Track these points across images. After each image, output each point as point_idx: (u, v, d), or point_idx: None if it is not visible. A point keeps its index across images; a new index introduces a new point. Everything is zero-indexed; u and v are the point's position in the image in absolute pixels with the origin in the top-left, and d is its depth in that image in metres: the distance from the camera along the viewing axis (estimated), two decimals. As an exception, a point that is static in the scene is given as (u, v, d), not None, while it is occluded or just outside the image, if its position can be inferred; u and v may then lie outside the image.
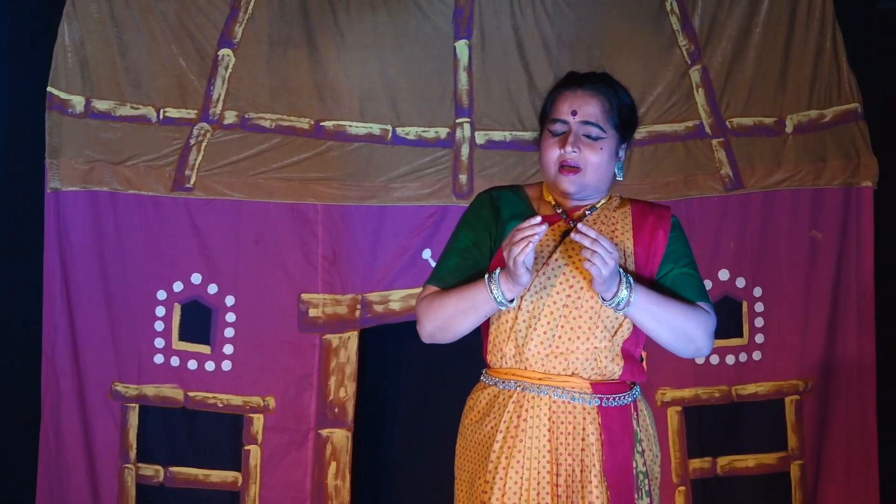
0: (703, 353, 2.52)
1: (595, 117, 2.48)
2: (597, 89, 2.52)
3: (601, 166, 2.48)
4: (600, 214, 2.53)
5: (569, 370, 2.44)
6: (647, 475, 2.48)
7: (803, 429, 4.02)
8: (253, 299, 4.00)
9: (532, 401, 2.44)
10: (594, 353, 2.44)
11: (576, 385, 2.45)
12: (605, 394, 2.45)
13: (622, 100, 2.54)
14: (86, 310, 3.96)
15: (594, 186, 2.51)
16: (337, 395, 3.99)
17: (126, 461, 3.96)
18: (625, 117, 2.53)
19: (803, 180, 4.03)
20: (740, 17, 4.05)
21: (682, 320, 2.44)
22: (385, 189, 4.01)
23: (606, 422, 2.44)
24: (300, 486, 3.98)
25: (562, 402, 2.44)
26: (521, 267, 2.30)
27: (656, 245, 2.49)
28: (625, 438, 2.45)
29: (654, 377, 3.91)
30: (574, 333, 2.43)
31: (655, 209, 2.56)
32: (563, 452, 2.43)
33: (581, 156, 2.46)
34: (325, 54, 4.03)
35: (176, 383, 3.98)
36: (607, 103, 2.50)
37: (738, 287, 4.02)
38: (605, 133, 2.48)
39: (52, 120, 3.97)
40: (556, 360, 2.44)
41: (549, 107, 2.55)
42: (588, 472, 2.42)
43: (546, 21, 4.06)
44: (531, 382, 2.45)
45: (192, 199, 3.99)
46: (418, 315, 2.50)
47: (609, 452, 2.43)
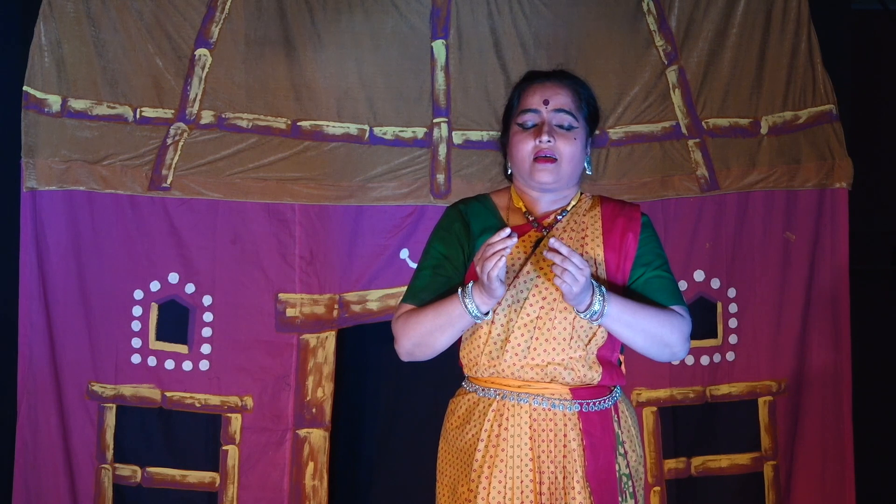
0: (679, 356, 2.51)
1: (568, 106, 2.49)
2: (565, 81, 2.55)
3: (575, 157, 2.49)
4: (570, 220, 2.51)
5: (547, 378, 2.44)
6: (630, 477, 2.48)
7: (776, 429, 4.04)
8: (230, 299, 3.99)
9: (512, 409, 2.44)
10: (570, 363, 2.44)
11: (555, 392, 2.45)
12: (584, 399, 2.46)
13: (588, 91, 2.57)
14: (63, 309, 3.95)
15: (567, 180, 2.51)
16: (314, 396, 4.00)
17: (103, 461, 3.96)
18: (593, 110, 2.56)
19: (778, 182, 4.04)
20: (717, 18, 4.06)
21: (657, 326, 2.43)
22: (362, 189, 4.01)
23: (587, 427, 2.44)
24: (278, 487, 3.98)
25: (542, 410, 2.44)
26: (495, 281, 2.30)
27: (626, 249, 2.48)
28: (606, 442, 2.45)
29: (630, 378, 3.86)
30: (549, 345, 2.43)
31: (625, 210, 2.55)
32: (546, 460, 2.43)
33: (556, 146, 2.46)
34: (302, 54, 4.02)
35: (153, 383, 3.98)
36: (576, 94, 2.52)
37: (713, 288, 4.04)
38: (577, 123, 2.49)
39: (29, 119, 3.96)
40: (532, 370, 2.44)
41: (516, 100, 2.54)
42: (570, 478, 2.42)
43: (523, 21, 4.06)
44: (510, 390, 2.45)
45: (169, 198, 3.98)
46: (395, 334, 2.50)
47: (591, 457, 2.43)
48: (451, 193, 4.00)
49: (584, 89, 2.55)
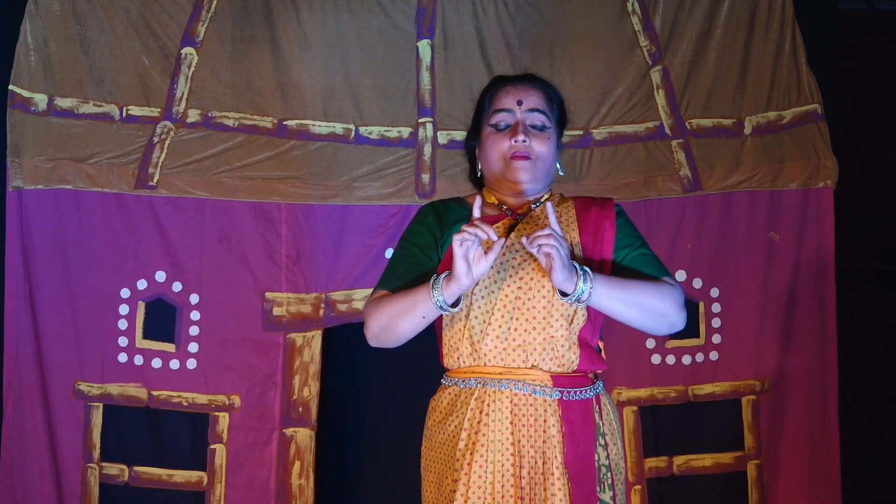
0: (678, 326, 2.51)
1: (541, 106, 2.53)
2: (535, 83, 2.58)
3: (549, 158, 2.53)
4: (544, 209, 2.53)
5: (528, 362, 2.45)
6: (610, 469, 2.49)
7: (760, 429, 4.05)
8: (217, 298, 4.00)
9: (493, 395, 2.45)
10: (551, 343, 2.45)
11: (536, 378, 2.45)
12: (565, 387, 2.47)
13: (557, 94, 2.61)
14: (49, 308, 3.96)
15: (542, 179, 2.55)
16: (301, 395, 4.01)
17: (89, 460, 3.96)
18: (562, 112, 2.60)
19: (761, 182, 4.06)
20: (701, 19, 4.07)
21: (648, 297, 2.43)
22: (348, 188, 4.02)
23: (567, 415, 2.45)
24: (265, 486, 3.99)
25: (523, 395, 2.44)
26: (462, 260, 2.29)
27: (603, 233, 2.50)
28: (586, 432, 2.46)
29: (610, 377, 3.93)
30: (529, 324, 2.44)
31: (598, 201, 2.59)
32: (526, 445, 2.44)
33: (530, 146, 2.49)
34: (288, 53, 4.03)
35: (140, 382, 3.98)
36: (547, 96, 2.57)
37: (696, 288, 4.05)
38: (549, 123, 2.54)
39: (14, 118, 3.96)
40: (513, 353, 2.45)
41: (488, 103, 2.57)
42: (550, 465, 2.43)
43: (508, 21, 4.07)
44: (491, 378, 2.46)
45: (156, 196, 3.99)
46: (365, 316, 2.51)
47: (570, 445, 2.44)
48: (436, 193, 4.02)
49: (554, 92, 2.60)
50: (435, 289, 2.35)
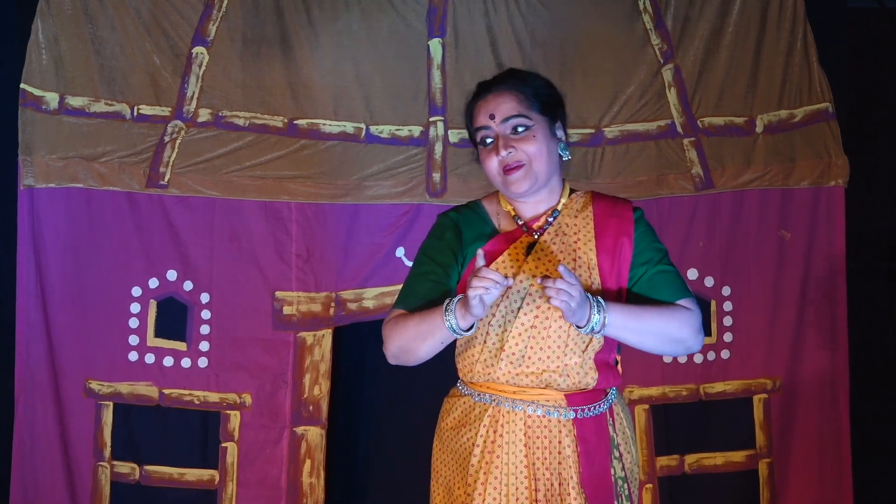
0: (694, 349, 2.50)
1: (514, 110, 2.47)
2: (506, 86, 2.51)
3: (542, 153, 2.47)
4: (561, 223, 2.50)
5: (542, 383, 2.44)
6: (626, 479, 2.49)
7: (771, 427, 4.05)
8: (228, 296, 4.00)
9: (507, 416, 2.44)
10: (565, 370, 2.43)
11: (550, 398, 2.44)
12: (579, 405, 2.45)
13: (535, 83, 2.53)
14: (60, 307, 3.96)
15: (545, 176, 2.49)
16: (311, 393, 4.01)
17: (100, 459, 3.97)
18: (544, 98, 2.52)
19: (773, 180, 4.05)
20: (712, 17, 4.07)
21: (663, 325, 2.42)
22: (359, 187, 4.02)
23: (582, 433, 2.44)
24: (275, 484, 3.99)
25: (537, 417, 2.44)
26: (477, 300, 2.27)
27: (622, 251, 2.47)
28: (601, 448, 2.45)
29: (623, 375, 3.90)
30: (544, 353, 2.43)
31: (617, 208, 2.52)
32: (541, 467, 2.43)
33: (518, 152, 2.45)
34: (298, 52, 4.03)
35: (151, 381, 3.99)
36: (521, 94, 2.49)
37: (707, 286, 4.05)
38: (531, 121, 2.47)
39: (26, 117, 3.96)
40: (527, 378, 2.44)
41: (469, 122, 2.55)
42: (566, 485, 2.43)
43: (519, 19, 4.06)
44: (505, 396, 2.45)
45: (167, 196, 3.99)
46: (384, 337, 2.52)
47: (586, 464, 2.43)
48: (447, 192, 4.02)
49: (529, 85, 2.52)
50: (448, 314, 2.34)
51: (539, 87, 2.52)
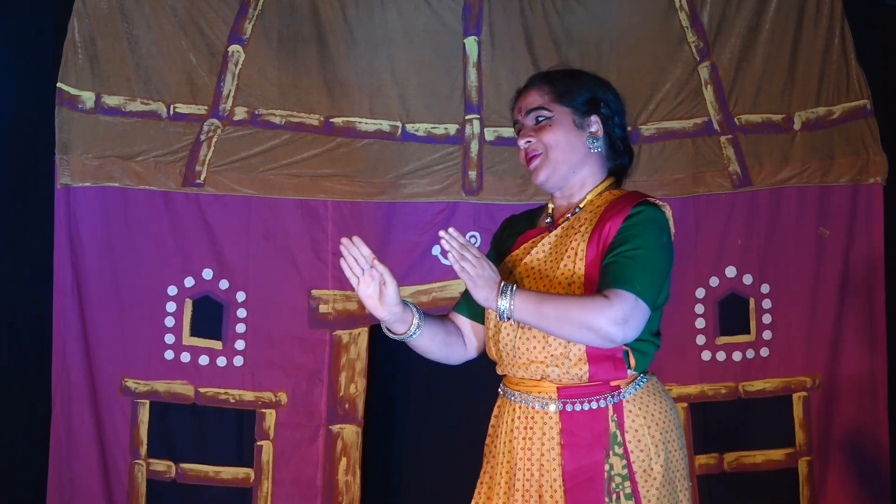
0: (616, 339, 2.35)
1: (536, 103, 2.52)
2: (534, 82, 2.57)
3: (560, 142, 2.49)
4: (576, 218, 2.51)
5: (537, 375, 2.46)
6: (629, 477, 2.43)
7: (811, 425, 4.03)
8: (264, 295, 4.01)
9: (507, 406, 2.51)
10: (553, 361, 2.44)
11: (543, 390, 2.46)
12: (570, 398, 2.45)
13: (562, 78, 2.56)
14: (96, 306, 3.97)
15: (565, 166, 2.51)
16: (347, 391, 4.01)
17: (136, 457, 3.97)
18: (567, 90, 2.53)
19: (811, 177, 4.04)
20: (749, 14, 4.06)
21: (569, 313, 2.34)
22: (395, 185, 4.02)
23: (568, 426, 2.43)
24: (311, 482, 3.99)
25: (527, 408, 2.47)
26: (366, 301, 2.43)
27: (604, 239, 2.44)
28: (593, 442, 2.43)
29: (660, 374, 3.88)
30: (530, 343, 2.45)
31: (622, 202, 2.47)
32: (522, 457, 2.46)
33: (536, 141, 2.50)
34: (334, 51, 4.04)
35: (186, 379, 3.99)
36: (547, 87, 2.54)
37: (745, 284, 4.03)
38: (552, 112, 2.50)
39: (62, 116, 3.97)
40: (523, 369, 2.47)
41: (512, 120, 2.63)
42: (547, 477, 2.44)
43: (555, 17, 4.06)
44: (510, 389, 2.51)
45: (203, 194, 4.00)
46: None
47: (569, 457, 2.43)
48: (483, 190, 4.02)
49: (554, 79, 2.55)
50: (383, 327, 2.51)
51: (564, 81, 2.55)
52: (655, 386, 2.53)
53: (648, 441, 2.45)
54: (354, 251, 2.37)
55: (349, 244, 2.38)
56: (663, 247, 2.42)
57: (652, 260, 2.39)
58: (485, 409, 2.68)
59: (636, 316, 2.35)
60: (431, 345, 2.55)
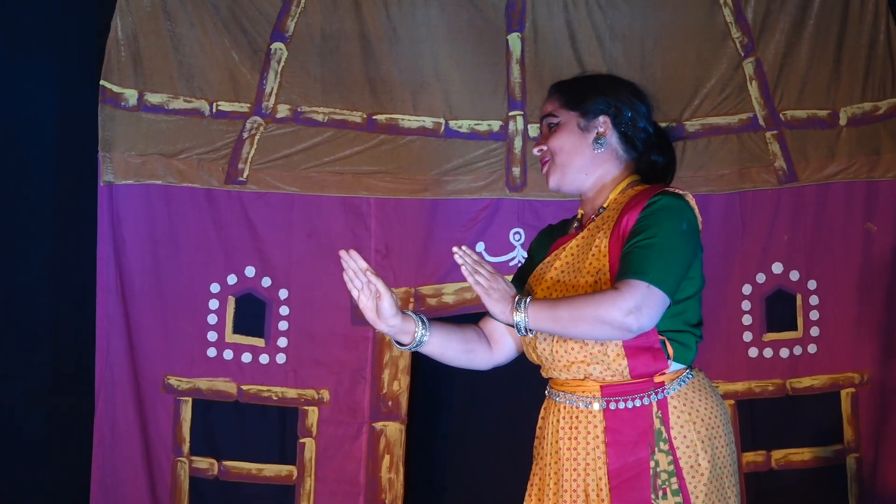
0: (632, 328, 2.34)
1: (548, 111, 2.59)
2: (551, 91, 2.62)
3: (564, 146, 2.53)
4: (600, 218, 2.52)
5: (580, 375, 2.47)
6: (676, 473, 2.44)
7: (859, 422, 4.03)
8: (306, 292, 4.02)
9: (553, 408, 2.52)
10: (593, 358, 2.45)
11: (587, 390, 2.47)
12: (614, 396, 2.46)
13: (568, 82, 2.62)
14: (139, 303, 4.00)
15: (573, 169, 2.53)
16: (390, 389, 4.02)
17: (179, 454, 3.99)
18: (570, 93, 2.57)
19: (858, 173, 4.05)
20: (793, 10, 4.08)
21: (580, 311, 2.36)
22: (438, 182, 4.04)
23: (612, 424, 2.45)
24: (354, 479, 4.00)
25: (571, 408, 2.48)
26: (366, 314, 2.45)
27: (623, 232, 2.45)
28: (639, 439, 2.44)
29: (706, 371, 3.88)
30: (567, 345, 2.46)
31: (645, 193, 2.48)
32: (568, 457, 2.47)
33: (547, 149, 2.56)
34: (377, 47, 4.06)
35: (229, 377, 4.01)
36: (556, 94, 2.59)
37: (792, 280, 4.04)
38: (557, 117, 2.56)
39: (105, 113, 4.01)
40: (566, 371, 2.48)
41: None
42: (593, 476, 2.45)
43: (599, 13, 4.08)
44: (554, 389, 2.53)
45: (246, 192, 4.03)
46: None
47: (614, 454, 2.44)
48: (527, 186, 4.04)
49: (563, 85, 2.60)
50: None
51: (572, 86, 2.60)
52: (701, 382, 2.52)
53: (694, 437, 2.45)
54: (352, 264, 2.41)
55: (346, 257, 2.42)
56: (683, 233, 2.41)
57: (668, 247, 2.38)
58: (528, 409, 2.72)
59: (650, 303, 2.34)
60: (445, 353, 2.58)
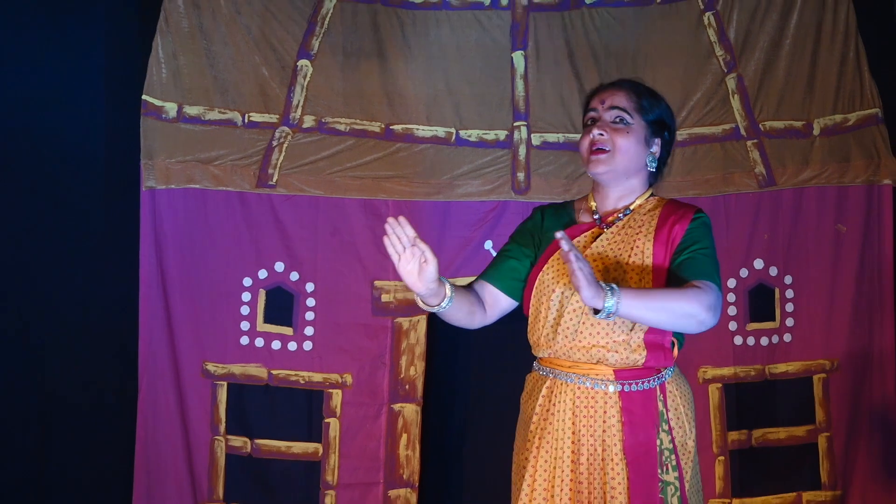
0: (708, 323, 2.50)
1: (622, 104, 2.64)
2: (624, 85, 2.71)
3: (629, 150, 2.62)
4: (630, 219, 2.65)
5: (594, 359, 2.60)
6: (674, 451, 2.63)
7: (829, 404, 4.26)
8: (331, 286, 4.25)
9: (560, 387, 2.62)
10: (614, 346, 2.58)
11: (600, 373, 2.60)
12: (627, 379, 2.60)
13: (649, 96, 2.69)
14: (179, 296, 4.22)
15: (623, 171, 2.64)
16: (407, 373, 4.28)
17: (216, 433, 4.24)
18: (651, 110, 2.66)
19: (829, 178, 4.26)
20: (771, 30, 4.28)
21: (672, 303, 2.48)
22: (449, 186, 4.28)
23: (627, 405, 2.59)
24: (375, 456, 4.25)
25: (585, 389, 2.60)
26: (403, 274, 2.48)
27: (673, 238, 2.60)
28: (647, 420, 2.59)
29: (697, 357, 4.17)
30: (594, 329, 2.58)
31: (681, 209, 2.64)
32: (586, 434, 2.60)
33: (609, 138, 2.61)
34: (393, 64, 4.30)
35: (261, 362, 4.25)
36: (634, 95, 2.67)
37: (771, 275, 4.26)
38: (632, 120, 2.63)
39: (147, 125, 4.21)
40: (580, 352, 2.60)
41: (584, 107, 2.75)
42: (609, 451, 2.59)
43: (595, 33, 4.32)
44: (561, 370, 2.63)
45: (275, 195, 4.26)
46: None
47: (629, 433, 2.58)
48: (531, 190, 4.28)
49: (642, 94, 2.68)
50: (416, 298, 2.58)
51: (650, 100, 2.69)
52: (679, 369, 2.74)
53: (685, 419, 2.67)
54: (399, 231, 2.45)
55: (395, 224, 2.46)
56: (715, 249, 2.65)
57: (715, 260, 2.61)
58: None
59: (719, 304, 2.53)
60: (457, 314, 2.62)
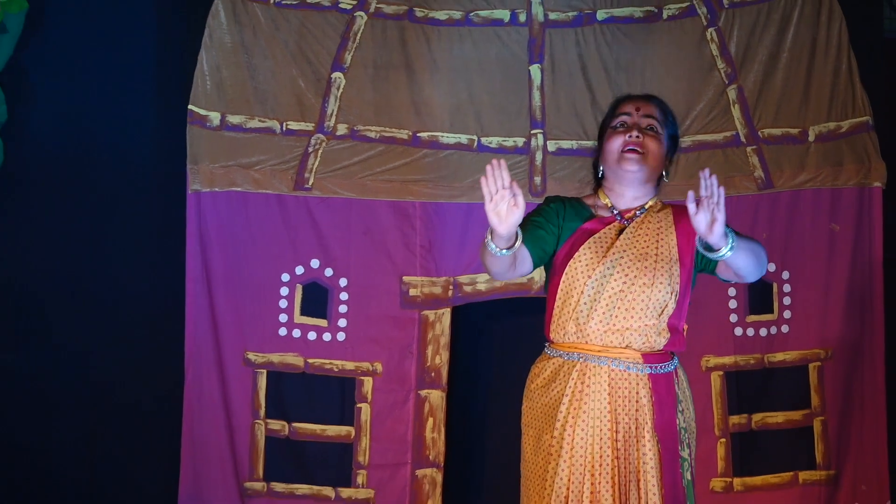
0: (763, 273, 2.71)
1: (655, 115, 2.81)
2: (654, 99, 2.89)
3: (658, 157, 2.77)
4: (647, 217, 2.81)
5: (623, 343, 2.74)
6: (686, 430, 2.79)
7: (824, 390, 4.44)
8: (362, 281, 4.44)
9: (593, 370, 2.74)
10: (645, 330, 2.73)
11: (630, 356, 2.74)
12: (653, 363, 2.76)
13: (673, 119, 2.89)
14: (222, 291, 4.41)
15: (649, 174, 2.77)
16: (433, 362, 4.48)
17: (257, 417, 4.45)
18: (672, 131, 2.87)
19: (824, 181, 4.44)
20: (769, 45, 4.46)
21: (759, 249, 2.69)
22: (472, 189, 4.40)
23: (656, 387, 2.75)
24: (403, 439, 4.44)
25: (619, 371, 2.74)
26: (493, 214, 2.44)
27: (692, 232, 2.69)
28: (669, 400, 2.75)
29: (700, 346, 4.37)
30: (629, 314, 2.73)
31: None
32: (622, 413, 2.74)
33: (643, 141, 2.76)
34: (420, 76, 4.47)
35: (297, 352, 4.45)
36: (661, 110, 2.86)
37: (770, 271, 4.39)
38: (660, 132, 2.80)
39: (193, 132, 4.40)
40: (612, 335, 2.74)
41: (611, 112, 2.87)
42: (642, 429, 2.74)
43: (606, 48, 4.50)
44: (592, 354, 2.75)
45: (311, 197, 4.44)
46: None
47: (658, 412, 2.74)
48: (546, 192, 4.47)
49: (669, 112, 2.87)
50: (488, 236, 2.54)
51: (671, 118, 2.89)
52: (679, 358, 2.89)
53: (689, 402, 2.89)
54: (497, 173, 2.46)
55: (496, 165, 2.45)
56: None
57: None
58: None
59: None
60: (506, 263, 2.60)
